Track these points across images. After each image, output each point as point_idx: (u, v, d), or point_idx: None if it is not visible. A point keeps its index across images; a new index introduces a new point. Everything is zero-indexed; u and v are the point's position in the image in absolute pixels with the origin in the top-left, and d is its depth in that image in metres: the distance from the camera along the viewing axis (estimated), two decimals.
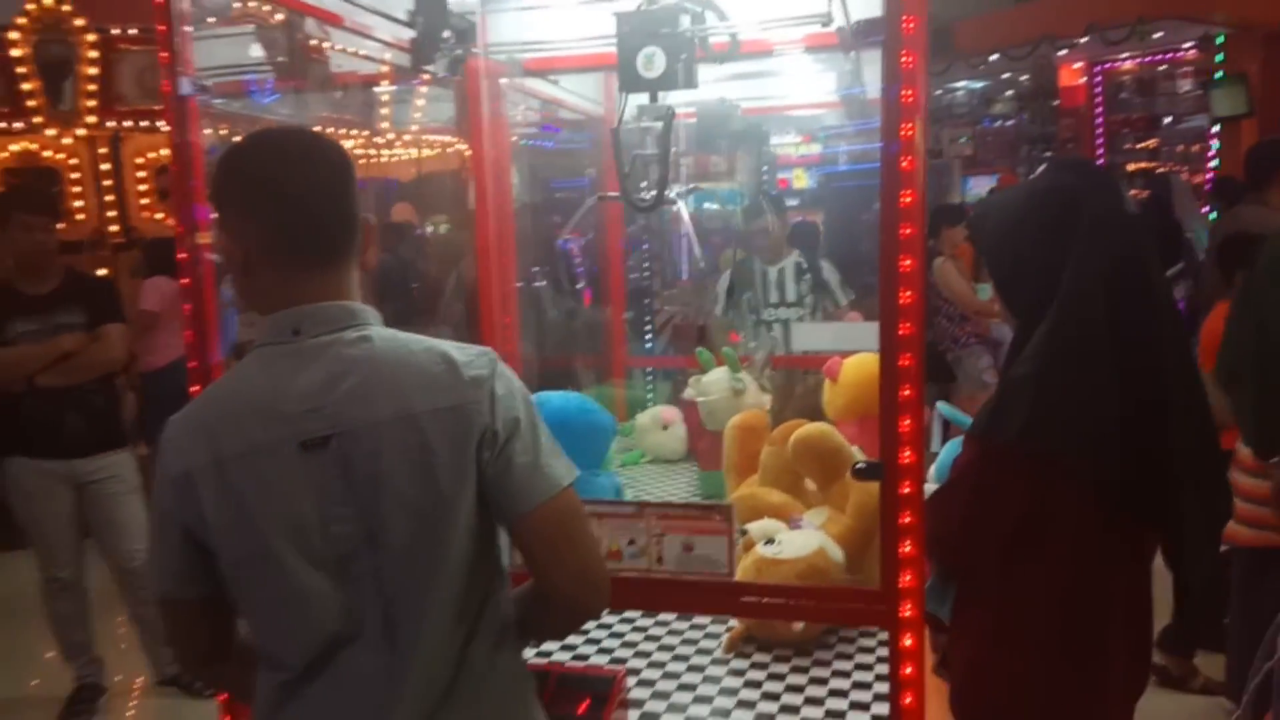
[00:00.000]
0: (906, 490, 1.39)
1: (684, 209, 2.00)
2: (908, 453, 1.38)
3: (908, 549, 1.40)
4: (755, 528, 1.94)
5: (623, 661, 1.84)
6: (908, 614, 1.41)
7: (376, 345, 1.14)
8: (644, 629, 1.99)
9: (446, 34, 2.12)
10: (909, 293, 1.35)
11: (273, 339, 1.15)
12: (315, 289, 1.15)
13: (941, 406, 1.82)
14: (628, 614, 2.03)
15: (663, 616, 2.03)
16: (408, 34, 2.13)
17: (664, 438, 3.16)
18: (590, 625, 2.00)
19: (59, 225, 3.85)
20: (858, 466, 1.42)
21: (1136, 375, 1.36)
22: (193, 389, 1.72)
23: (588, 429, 2.28)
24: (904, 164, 1.33)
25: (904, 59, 1.30)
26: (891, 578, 1.40)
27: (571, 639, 1.93)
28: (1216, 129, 7.23)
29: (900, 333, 1.36)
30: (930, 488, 1.47)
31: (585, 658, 1.87)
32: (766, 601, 1.51)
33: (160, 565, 1.17)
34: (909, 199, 1.34)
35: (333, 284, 1.16)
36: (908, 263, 1.35)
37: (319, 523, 1.09)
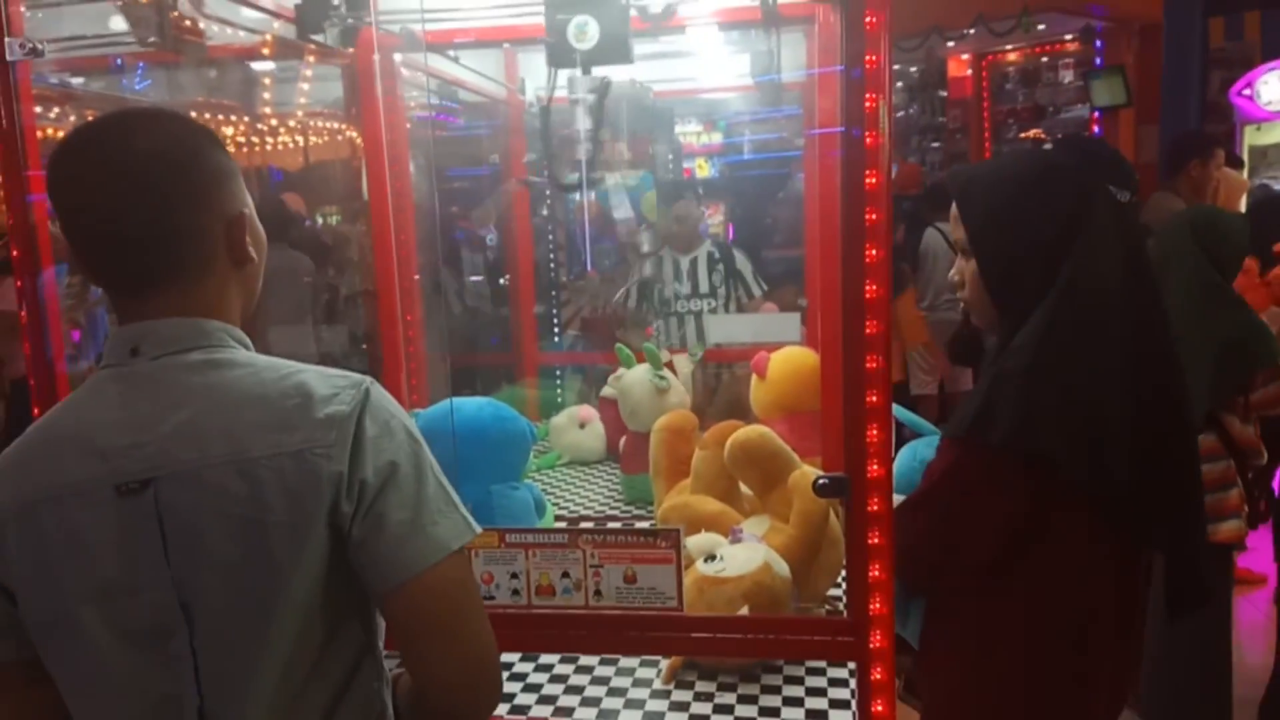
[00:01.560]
0: (875, 508, 1.25)
1: (616, 190, 1.83)
2: (875, 466, 1.24)
3: (876, 573, 1.26)
4: (694, 543, 1.79)
5: (552, 700, 1.66)
6: (878, 644, 1.28)
7: (223, 373, 0.93)
8: (573, 658, 1.81)
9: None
10: (875, 286, 1.21)
11: (110, 359, 0.95)
12: (158, 305, 0.94)
13: (896, 410, 1.69)
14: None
15: None
16: (292, 1, 1.89)
17: (581, 437, 3.00)
18: (514, 657, 1.81)
19: None
20: (819, 482, 1.28)
21: (1142, 376, 1.23)
22: (35, 411, 1.46)
23: (505, 439, 2.08)
24: (868, 140, 1.18)
25: (868, 20, 1.16)
26: (860, 605, 1.26)
27: None
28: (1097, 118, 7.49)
29: (866, 331, 1.22)
30: (895, 499, 1.33)
31: (510, 697, 1.68)
32: (721, 637, 1.36)
33: None
34: (874, 180, 1.20)
35: (191, 299, 0.95)
36: (874, 252, 1.21)
37: (131, 587, 0.89)
